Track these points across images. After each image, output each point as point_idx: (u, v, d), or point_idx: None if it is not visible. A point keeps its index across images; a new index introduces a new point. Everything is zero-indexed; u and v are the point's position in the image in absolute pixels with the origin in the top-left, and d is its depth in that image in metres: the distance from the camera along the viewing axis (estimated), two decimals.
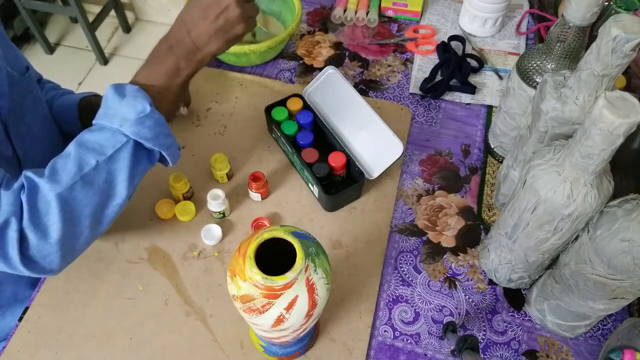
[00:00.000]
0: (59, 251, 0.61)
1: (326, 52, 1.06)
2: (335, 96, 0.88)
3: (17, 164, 0.76)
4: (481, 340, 0.73)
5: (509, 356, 0.72)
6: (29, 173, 0.60)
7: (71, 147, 0.62)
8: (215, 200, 0.79)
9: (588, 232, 0.59)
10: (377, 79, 1.02)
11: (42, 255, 0.60)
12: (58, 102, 0.89)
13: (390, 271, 0.78)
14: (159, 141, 0.64)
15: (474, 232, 0.82)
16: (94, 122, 0.64)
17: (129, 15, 2.44)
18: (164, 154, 0.66)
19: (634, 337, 0.68)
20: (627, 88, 0.97)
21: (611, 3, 0.92)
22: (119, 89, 0.63)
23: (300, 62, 1.05)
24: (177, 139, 0.69)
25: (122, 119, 0.62)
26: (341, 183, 0.84)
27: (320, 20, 1.12)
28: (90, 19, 2.15)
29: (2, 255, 0.58)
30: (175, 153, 0.68)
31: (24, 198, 0.59)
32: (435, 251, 0.80)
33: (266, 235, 0.52)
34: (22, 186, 0.60)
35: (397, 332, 0.73)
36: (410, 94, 0.99)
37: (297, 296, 0.52)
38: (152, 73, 0.66)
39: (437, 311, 0.75)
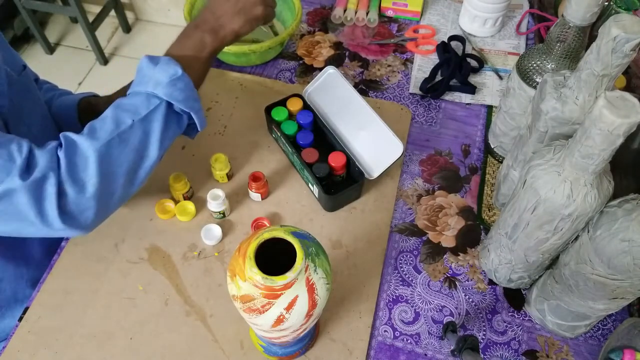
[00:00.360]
0: (95, 206, 0.63)
1: (326, 52, 1.06)
2: (335, 96, 0.88)
3: None
4: (481, 340, 0.73)
5: (509, 356, 0.72)
6: (66, 133, 0.63)
7: (108, 111, 0.66)
8: (215, 200, 0.79)
9: (588, 232, 0.59)
10: (377, 79, 1.02)
11: (80, 209, 0.62)
12: (57, 103, 0.89)
13: (390, 271, 0.78)
14: (189, 104, 0.68)
15: (474, 232, 0.82)
16: (128, 91, 0.68)
17: (129, 15, 2.45)
18: (193, 116, 0.70)
19: (634, 337, 0.68)
20: (627, 88, 0.97)
21: (611, 3, 0.92)
22: (152, 58, 0.68)
23: (300, 62, 1.05)
24: (177, 140, 0.70)
25: (156, 82, 0.66)
26: (341, 183, 0.84)
27: (320, 20, 1.12)
28: (90, 19, 2.15)
29: (38, 212, 0.60)
30: (202, 118, 0.72)
31: (61, 154, 0.61)
32: (435, 251, 0.80)
33: (266, 235, 0.52)
34: (59, 145, 0.62)
35: (397, 332, 0.73)
36: (410, 94, 0.99)
37: (297, 296, 0.52)
38: (181, 46, 0.72)
39: (437, 311, 0.75)
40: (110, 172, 0.64)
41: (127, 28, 2.41)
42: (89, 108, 0.88)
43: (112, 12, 2.31)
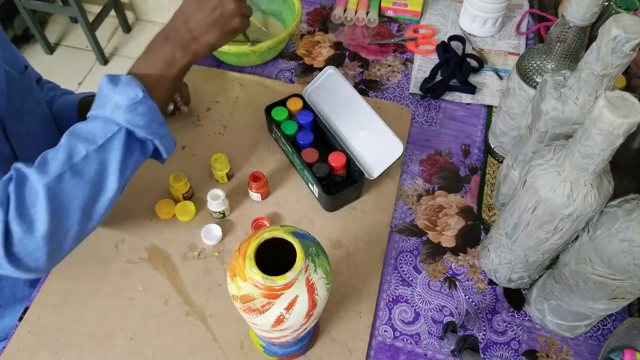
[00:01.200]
0: (46, 247, 0.57)
1: (326, 52, 1.06)
2: (335, 96, 0.88)
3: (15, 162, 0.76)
4: (481, 340, 0.73)
5: (509, 356, 0.72)
6: (18, 164, 0.58)
7: (63, 138, 0.60)
8: (215, 200, 0.79)
9: (588, 232, 0.59)
10: (377, 79, 1.02)
11: (27, 251, 0.57)
12: (58, 103, 0.89)
13: (390, 271, 0.78)
14: (152, 129, 0.62)
15: (474, 232, 0.82)
16: (88, 114, 0.62)
17: (129, 15, 2.44)
18: (156, 143, 0.64)
19: (634, 337, 0.68)
20: (627, 88, 0.97)
21: (611, 3, 0.92)
22: (112, 78, 0.61)
23: (300, 62, 1.05)
24: (177, 140, 0.69)
25: (115, 106, 0.60)
26: (341, 183, 0.84)
27: (320, 20, 1.12)
28: (90, 19, 2.15)
29: None
30: (169, 144, 0.66)
31: (11, 189, 0.56)
32: (435, 251, 0.80)
33: (266, 235, 0.52)
34: (11, 177, 0.58)
35: (397, 332, 0.73)
36: (410, 94, 0.99)
37: (297, 296, 0.52)
38: (148, 62, 0.65)
39: (437, 311, 0.75)
40: (63, 209, 0.58)
41: (127, 28, 2.41)
42: (89, 108, 0.87)
43: (112, 12, 2.31)
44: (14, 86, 0.74)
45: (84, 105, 0.88)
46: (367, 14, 1.11)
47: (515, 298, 0.76)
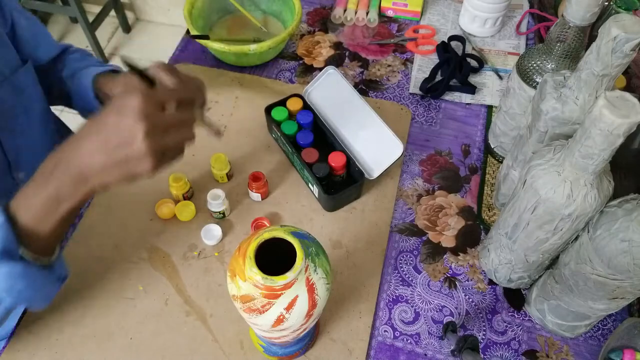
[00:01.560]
0: None
1: (326, 52, 1.06)
2: (335, 96, 0.88)
3: (6, 166, 0.75)
4: (481, 340, 0.73)
5: (509, 356, 0.72)
6: None
7: None
8: (215, 200, 0.79)
9: (588, 232, 0.59)
10: (377, 79, 1.02)
11: None
12: (76, 81, 0.83)
13: (390, 271, 0.78)
14: (13, 295, 0.56)
15: (474, 232, 0.82)
16: None
17: (129, 15, 2.45)
18: (23, 305, 0.59)
19: (634, 337, 0.68)
20: (627, 88, 0.97)
21: (611, 3, 0.92)
22: None
23: (300, 62, 1.05)
24: None
25: None
26: (341, 183, 0.84)
27: (320, 20, 1.12)
28: (90, 19, 2.15)
29: None
30: (39, 300, 0.60)
31: None
32: (435, 251, 0.80)
33: (266, 235, 0.52)
34: None
35: (397, 332, 0.73)
36: (410, 94, 0.99)
37: (297, 296, 0.52)
38: (30, 196, 0.54)
39: (437, 311, 0.75)
40: None
41: (127, 28, 2.41)
42: (104, 86, 0.78)
43: (112, 12, 2.31)
44: (5, 85, 0.72)
45: (98, 86, 0.79)
46: (367, 14, 1.11)
47: (515, 298, 0.76)
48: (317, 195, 0.83)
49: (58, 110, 0.96)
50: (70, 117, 1.00)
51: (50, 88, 0.90)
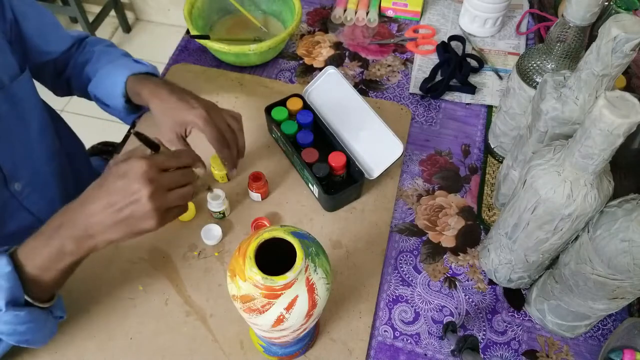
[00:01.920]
0: None
1: (326, 52, 1.06)
2: (335, 96, 0.88)
3: (1, 178, 0.74)
4: (481, 340, 0.73)
5: (509, 356, 0.72)
6: None
7: None
8: (215, 200, 0.79)
9: (588, 232, 0.59)
10: (377, 79, 1.02)
11: None
12: (105, 73, 0.83)
13: (390, 271, 0.78)
14: (15, 337, 0.60)
15: (474, 232, 0.82)
16: None
17: (129, 15, 2.45)
18: (21, 346, 0.62)
19: (634, 337, 0.68)
20: (627, 88, 0.97)
21: (611, 3, 0.92)
22: None
23: (300, 62, 1.05)
24: None
25: None
26: (341, 183, 0.84)
27: (320, 20, 1.12)
28: (90, 19, 2.15)
29: None
30: (39, 340, 0.64)
31: None
32: (435, 251, 0.80)
33: (266, 235, 0.52)
34: None
35: (397, 332, 0.73)
36: (410, 94, 0.99)
37: (297, 296, 0.52)
38: (35, 250, 0.58)
39: (437, 311, 0.75)
40: None
41: (127, 28, 2.41)
42: (136, 92, 0.80)
43: (112, 12, 2.31)
44: (0, 95, 0.71)
45: (132, 83, 0.81)
46: (367, 14, 1.11)
47: (515, 298, 0.76)
48: (317, 195, 0.83)
49: (58, 110, 0.96)
50: (70, 118, 1.00)
51: (69, 80, 0.90)
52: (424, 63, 1.04)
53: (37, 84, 0.83)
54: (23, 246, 0.59)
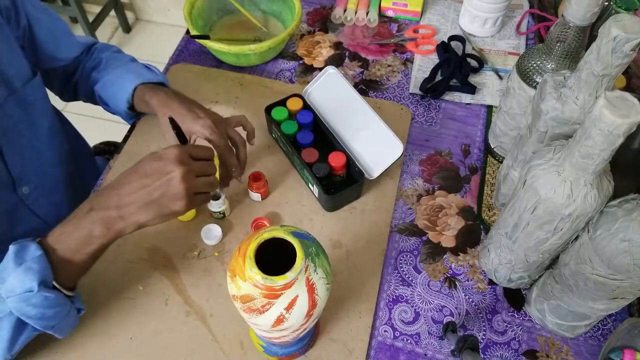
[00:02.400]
0: None
1: (326, 52, 1.06)
2: (335, 96, 0.88)
3: (9, 182, 0.74)
4: (481, 340, 0.73)
5: (509, 356, 0.72)
6: None
7: None
8: (216, 201, 0.79)
9: (588, 232, 0.59)
10: (377, 79, 1.02)
11: None
12: (113, 79, 0.84)
13: (390, 271, 0.78)
14: (44, 322, 0.60)
15: (474, 232, 0.82)
16: None
17: (129, 15, 2.45)
18: (48, 332, 0.62)
19: (634, 337, 0.68)
20: (627, 88, 0.97)
21: (611, 3, 0.92)
22: (20, 251, 0.58)
23: (300, 62, 1.05)
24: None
25: (9, 289, 0.57)
26: (341, 183, 0.84)
27: (320, 20, 1.12)
28: (90, 19, 2.15)
29: None
30: (64, 328, 0.64)
31: None
32: (435, 251, 0.80)
33: (266, 235, 0.52)
34: None
35: (397, 332, 0.73)
36: (410, 94, 0.99)
37: (297, 296, 0.52)
38: (64, 234, 0.60)
39: (437, 311, 0.75)
40: None
41: (127, 28, 2.41)
42: (143, 98, 0.81)
43: (112, 12, 2.31)
44: (13, 99, 0.72)
45: (140, 91, 0.82)
46: (367, 14, 1.11)
47: (515, 298, 0.76)
48: (317, 195, 0.83)
49: (58, 109, 0.96)
50: (70, 117, 1.00)
51: (76, 85, 0.91)
52: (424, 63, 1.04)
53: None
54: (52, 232, 0.60)
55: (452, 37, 1.07)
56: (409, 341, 0.73)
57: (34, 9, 0.78)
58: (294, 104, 0.89)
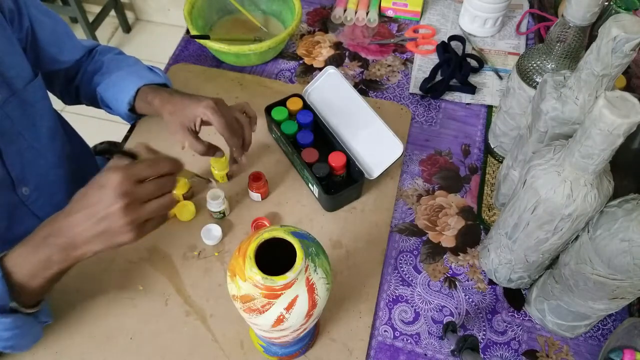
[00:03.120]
0: None
1: (326, 52, 1.06)
2: (335, 96, 0.88)
3: (9, 183, 0.74)
4: (481, 340, 0.73)
5: (509, 356, 0.72)
6: None
7: None
8: (215, 200, 0.79)
9: (588, 232, 0.59)
10: (377, 79, 1.02)
11: None
12: (107, 89, 0.85)
13: (390, 271, 0.78)
14: (0, 344, 0.61)
15: (474, 232, 0.82)
16: None
17: (129, 15, 2.45)
18: (5, 352, 0.63)
19: (634, 337, 0.68)
20: (627, 88, 0.97)
21: (611, 3, 0.92)
22: None
23: (300, 62, 1.05)
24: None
25: None
26: (341, 183, 0.84)
27: (320, 20, 1.12)
28: (90, 19, 2.15)
29: None
30: (23, 345, 0.64)
31: None
32: (435, 251, 0.80)
33: (266, 235, 0.52)
34: None
35: (397, 332, 0.73)
36: (410, 94, 0.99)
37: (297, 296, 0.52)
38: (22, 258, 0.58)
39: (437, 311, 0.75)
40: None
41: (127, 28, 2.41)
42: (145, 102, 0.82)
43: (112, 12, 2.31)
44: (13, 100, 0.72)
45: (142, 92, 0.83)
46: (367, 14, 1.11)
47: (515, 298, 0.76)
48: (317, 195, 0.83)
49: (57, 111, 0.96)
50: (70, 117, 0.99)
51: (77, 88, 0.91)
52: (424, 63, 1.04)
53: None
54: (11, 253, 0.59)
55: (452, 37, 1.07)
56: (409, 341, 0.73)
57: (37, 11, 0.78)
58: (294, 104, 0.89)
